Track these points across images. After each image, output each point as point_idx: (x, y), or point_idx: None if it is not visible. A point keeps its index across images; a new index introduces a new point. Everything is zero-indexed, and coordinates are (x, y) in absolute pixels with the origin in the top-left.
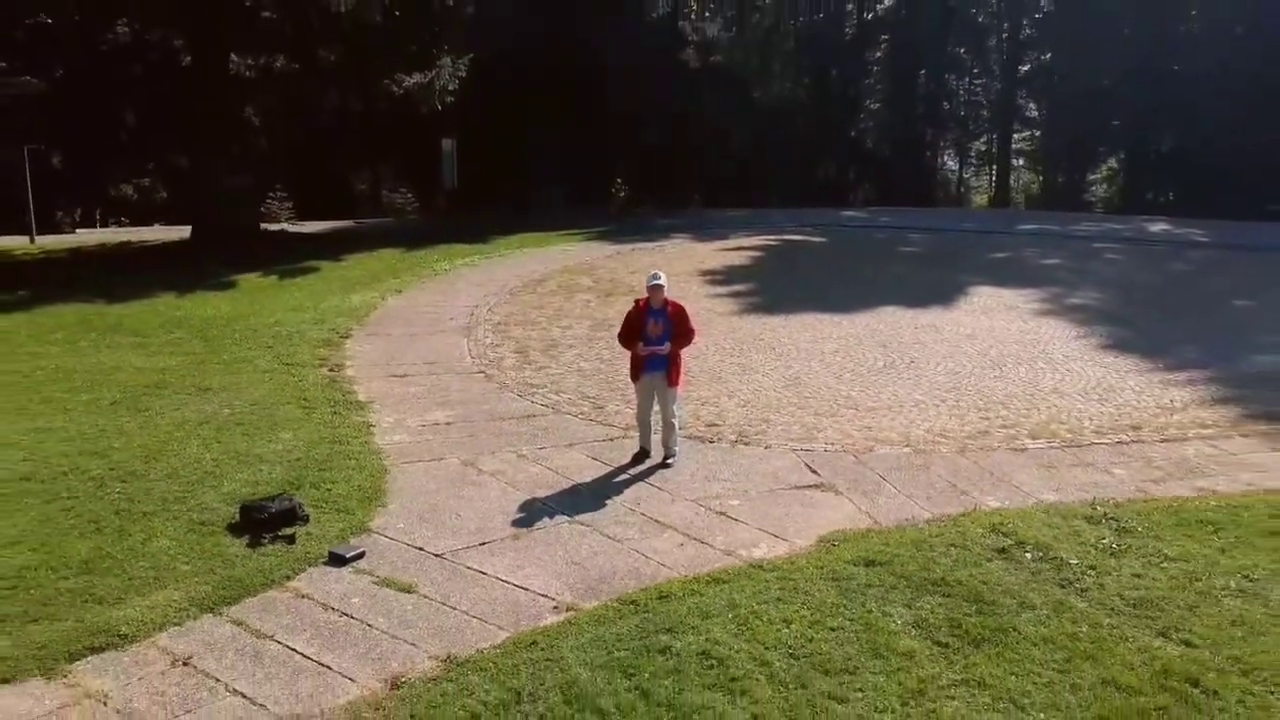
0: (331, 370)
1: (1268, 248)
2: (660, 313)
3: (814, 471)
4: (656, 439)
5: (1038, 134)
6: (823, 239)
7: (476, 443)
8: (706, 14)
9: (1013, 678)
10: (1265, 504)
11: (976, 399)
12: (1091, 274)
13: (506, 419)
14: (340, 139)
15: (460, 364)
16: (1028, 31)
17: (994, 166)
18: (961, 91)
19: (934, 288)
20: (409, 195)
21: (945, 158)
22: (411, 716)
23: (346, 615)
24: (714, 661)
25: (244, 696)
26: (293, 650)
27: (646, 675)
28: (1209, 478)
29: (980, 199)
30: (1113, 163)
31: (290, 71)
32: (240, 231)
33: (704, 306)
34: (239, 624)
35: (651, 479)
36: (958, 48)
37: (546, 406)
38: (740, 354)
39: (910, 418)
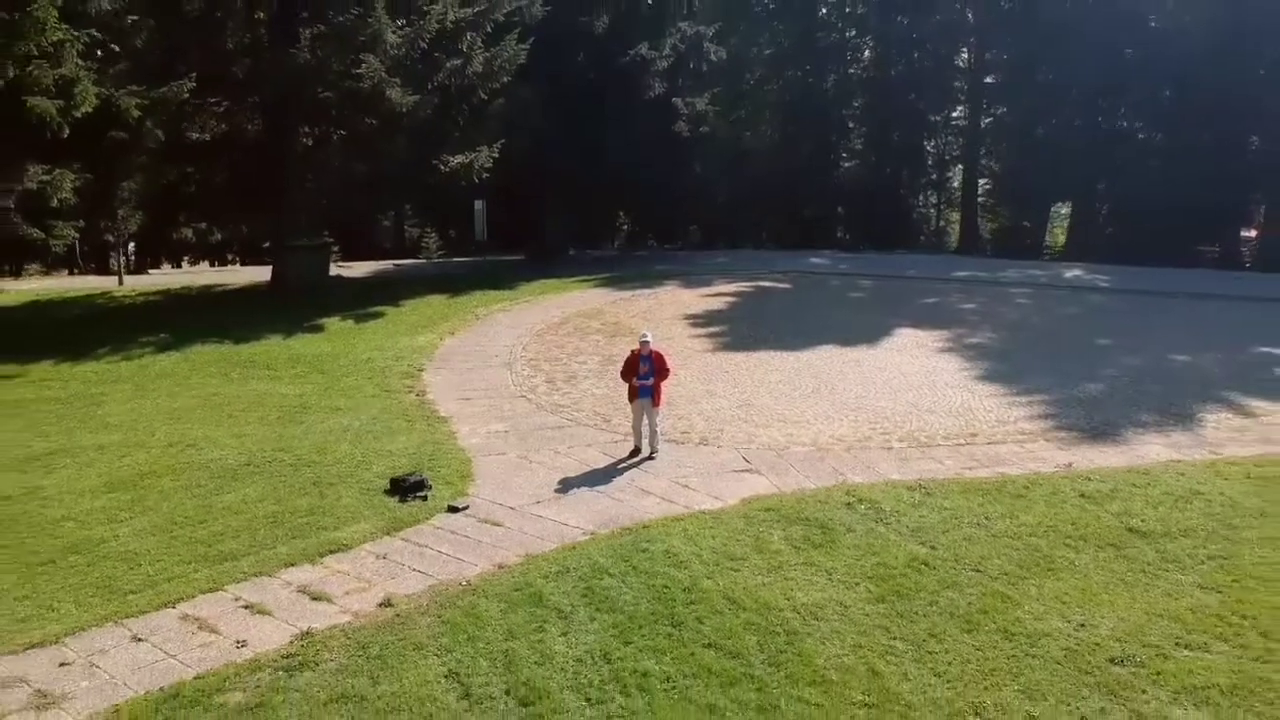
0: (418, 395)
1: (1157, 292)
2: (647, 358)
3: (748, 462)
4: (646, 441)
5: (993, 183)
6: (788, 285)
7: (526, 444)
8: (701, 87)
9: (830, 562)
10: (1026, 479)
11: (870, 415)
12: (995, 317)
13: (544, 429)
14: (381, 192)
15: (507, 390)
16: (989, 91)
17: (960, 213)
18: (934, 140)
19: (866, 330)
20: (432, 234)
21: (924, 198)
22: (510, 580)
23: (465, 536)
24: (671, 555)
25: (420, 571)
26: (440, 552)
27: (634, 560)
28: (1007, 466)
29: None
30: (1062, 210)
31: (355, 151)
32: (313, 281)
33: (685, 346)
34: (406, 540)
35: (642, 466)
36: (926, 100)
37: (571, 420)
38: (708, 383)
39: (820, 428)
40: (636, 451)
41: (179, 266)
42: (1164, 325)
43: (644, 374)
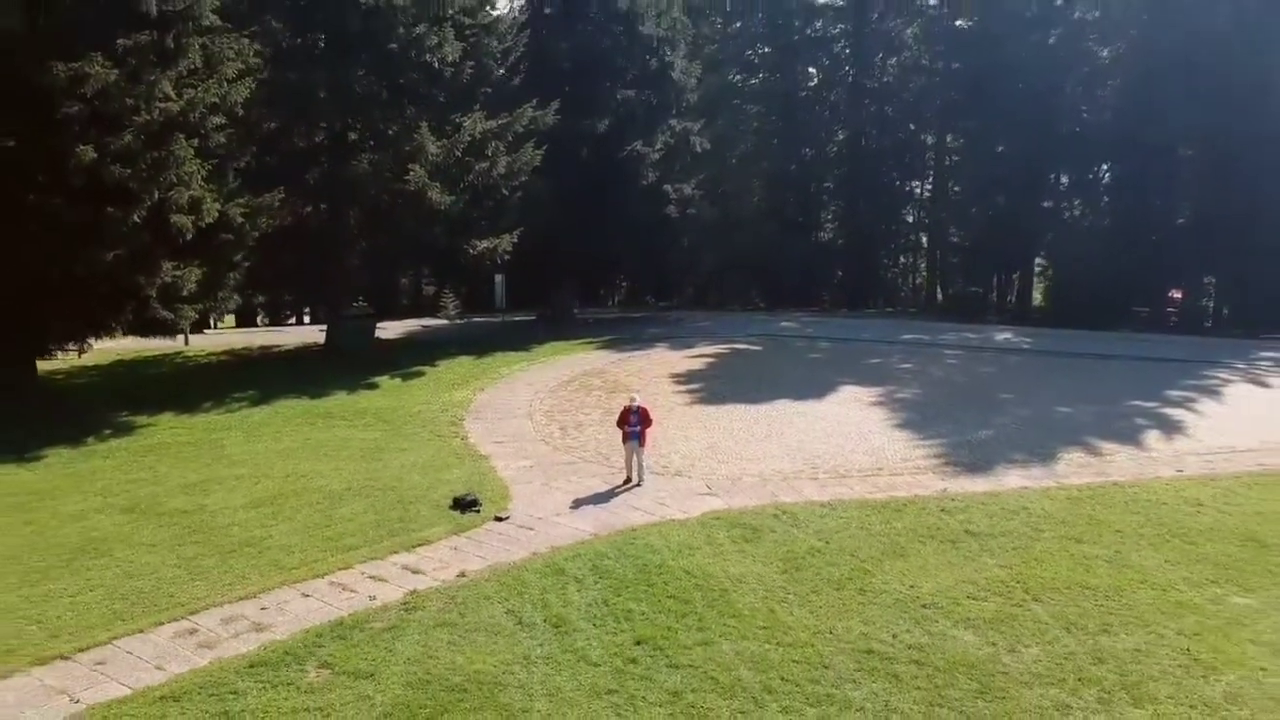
0: (462, 439)
1: (1068, 353)
2: (636, 411)
3: (709, 488)
4: (635, 473)
5: (951, 252)
6: (759, 348)
7: (547, 475)
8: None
9: (755, 550)
10: (907, 499)
11: (807, 455)
12: (925, 375)
13: (560, 464)
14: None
15: (529, 436)
16: (950, 167)
17: (924, 277)
18: (905, 209)
19: (816, 386)
20: (449, 294)
21: (900, 261)
22: (541, 561)
23: (509, 536)
24: (649, 546)
25: (481, 557)
26: (493, 545)
27: (624, 549)
28: (898, 491)
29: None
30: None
31: (399, 238)
32: (361, 344)
33: (669, 400)
34: (468, 538)
35: (632, 491)
36: (896, 173)
37: (579, 458)
38: (685, 429)
39: (767, 464)
40: (628, 480)
41: (213, 327)
42: (1061, 383)
43: (633, 423)
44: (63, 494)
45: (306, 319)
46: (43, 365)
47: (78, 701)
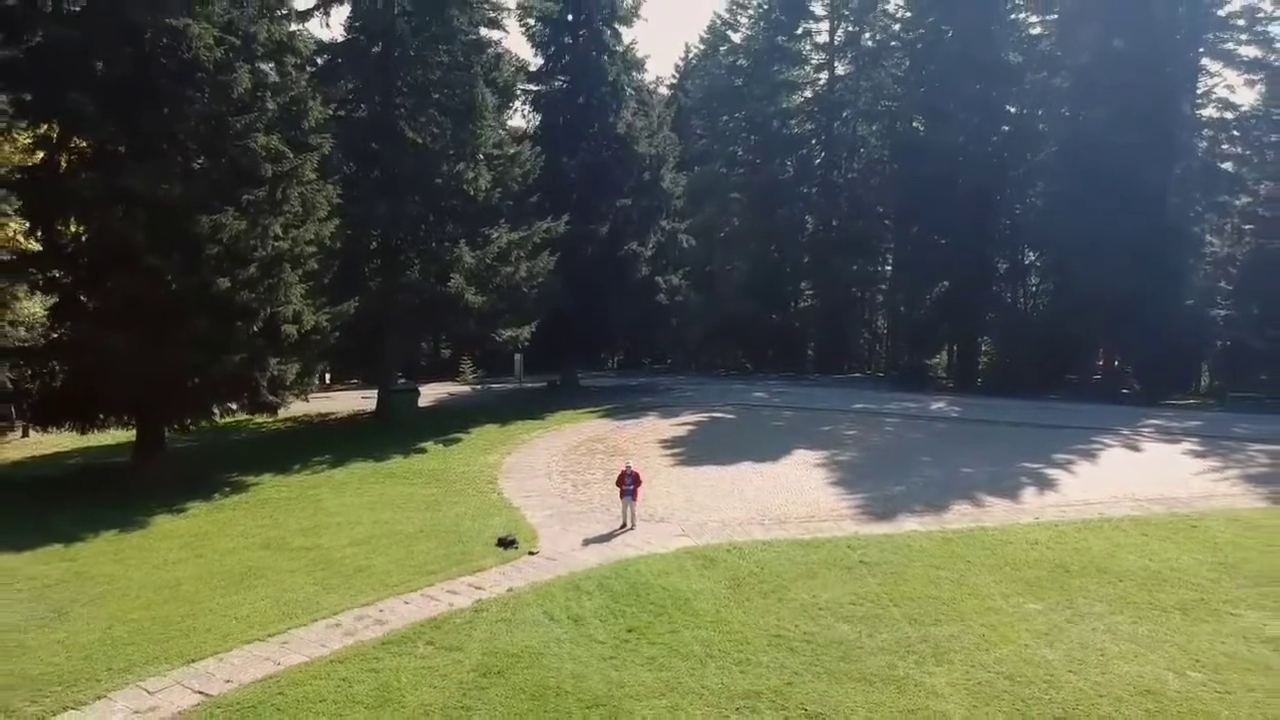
0: (498, 495)
1: (988, 421)
2: (631, 475)
3: (683, 531)
4: (629, 521)
5: (906, 327)
6: (733, 416)
7: (565, 521)
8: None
9: (711, 573)
10: (826, 539)
11: (758, 506)
12: (864, 441)
13: (572, 513)
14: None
15: (548, 492)
16: (907, 254)
17: (884, 348)
18: (869, 287)
19: (774, 450)
20: (469, 362)
21: (868, 332)
22: (563, 581)
23: (539, 565)
24: (638, 571)
25: (522, 579)
26: (529, 570)
27: (620, 573)
28: (821, 532)
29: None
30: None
31: (438, 329)
32: (406, 414)
33: (657, 462)
34: (511, 566)
35: (626, 533)
36: (862, 257)
37: (587, 509)
38: (666, 486)
39: (728, 513)
40: (624, 526)
41: None
42: (973, 447)
43: (628, 484)
44: (214, 536)
45: (328, 378)
46: None
47: (279, 665)
